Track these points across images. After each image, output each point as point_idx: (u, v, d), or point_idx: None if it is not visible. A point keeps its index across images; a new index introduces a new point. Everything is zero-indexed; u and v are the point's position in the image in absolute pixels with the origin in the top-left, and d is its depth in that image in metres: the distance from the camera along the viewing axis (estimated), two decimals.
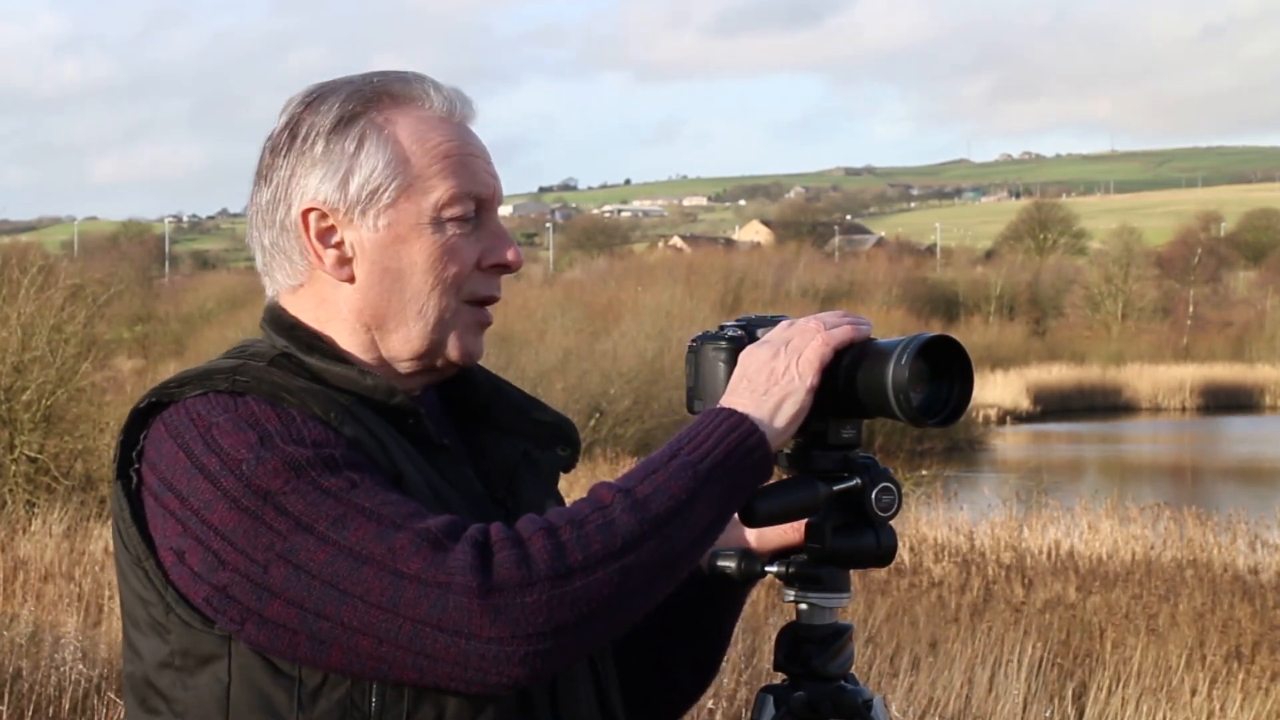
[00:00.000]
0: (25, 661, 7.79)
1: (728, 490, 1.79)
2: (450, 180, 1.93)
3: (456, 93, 1.99)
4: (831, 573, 1.96)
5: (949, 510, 15.38)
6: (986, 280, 64.33)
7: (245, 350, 1.94)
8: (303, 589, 1.70)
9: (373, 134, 1.94)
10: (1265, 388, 49.90)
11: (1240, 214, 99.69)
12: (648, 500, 1.74)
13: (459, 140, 1.95)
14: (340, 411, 1.84)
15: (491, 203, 1.97)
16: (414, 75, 1.99)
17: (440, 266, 1.92)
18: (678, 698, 2.16)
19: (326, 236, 1.94)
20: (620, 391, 25.32)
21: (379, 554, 1.69)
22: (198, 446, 1.78)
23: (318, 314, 1.95)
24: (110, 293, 20.94)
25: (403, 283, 1.93)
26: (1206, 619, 10.02)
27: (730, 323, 2.02)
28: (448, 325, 1.94)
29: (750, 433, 1.82)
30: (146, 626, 1.85)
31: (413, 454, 1.88)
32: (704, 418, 1.84)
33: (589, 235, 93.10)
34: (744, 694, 7.50)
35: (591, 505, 1.74)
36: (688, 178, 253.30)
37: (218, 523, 1.74)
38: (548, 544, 1.69)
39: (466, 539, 1.70)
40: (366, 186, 1.93)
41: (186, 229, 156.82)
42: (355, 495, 1.73)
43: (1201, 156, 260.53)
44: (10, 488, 14.67)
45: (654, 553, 1.73)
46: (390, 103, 1.95)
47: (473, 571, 1.67)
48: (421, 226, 1.92)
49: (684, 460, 1.78)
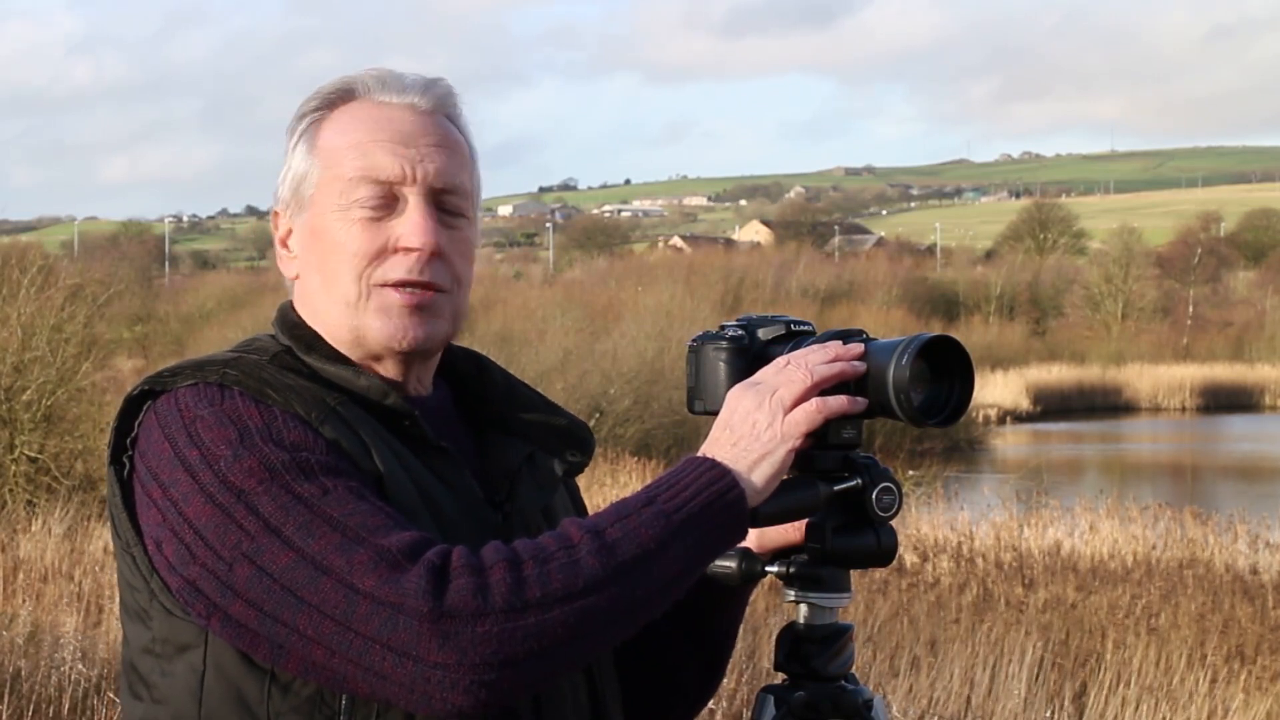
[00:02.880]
0: (25, 661, 7.79)
1: (699, 543, 1.76)
2: (354, 165, 1.93)
3: (410, 83, 1.98)
4: (832, 573, 1.96)
5: (949, 510, 15.38)
6: (986, 280, 64.30)
7: (250, 345, 1.96)
8: (263, 591, 1.71)
9: (309, 133, 1.98)
10: (1265, 387, 49.89)
11: (1240, 214, 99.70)
12: (616, 545, 1.72)
13: (376, 126, 1.94)
14: (324, 411, 1.84)
15: (406, 186, 1.93)
16: (375, 71, 2.00)
17: (345, 251, 1.92)
18: (682, 703, 2.15)
19: (285, 236, 2.00)
20: (620, 391, 25.30)
21: (338, 566, 1.69)
22: (181, 438, 1.79)
23: (304, 311, 1.98)
24: (110, 293, 20.95)
25: (323, 272, 1.95)
26: (1207, 619, 10.02)
27: (730, 323, 2.02)
28: (360, 310, 1.92)
29: (729, 488, 1.79)
30: (133, 612, 1.88)
31: (404, 455, 1.87)
32: (685, 465, 1.81)
33: (589, 235, 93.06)
34: (744, 694, 7.50)
35: (559, 542, 1.72)
36: (688, 178, 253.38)
37: (192, 516, 1.75)
38: (507, 576, 1.68)
39: (424, 562, 1.68)
40: (296, 184, 1.98)
41: (186, 229, 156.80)
42: (325, 503, 1.73)
43: (1201, 156, 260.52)
44: (10, 488, 14.66)
45: (615, 599, 1.71)
46: (340, 100, 1.98)
47: (425, 595, 1.66)
48: (332, 214, 1.94)
49: (659, 508, 1.75)
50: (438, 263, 1.93)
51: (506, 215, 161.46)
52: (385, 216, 1.92)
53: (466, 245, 1.98)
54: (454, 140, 1.98)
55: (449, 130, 1.99)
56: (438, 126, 1.97)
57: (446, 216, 1.95)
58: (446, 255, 1.94)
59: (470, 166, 2.01)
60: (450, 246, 1.95)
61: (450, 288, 1.95)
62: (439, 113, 1.98)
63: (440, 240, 1.93)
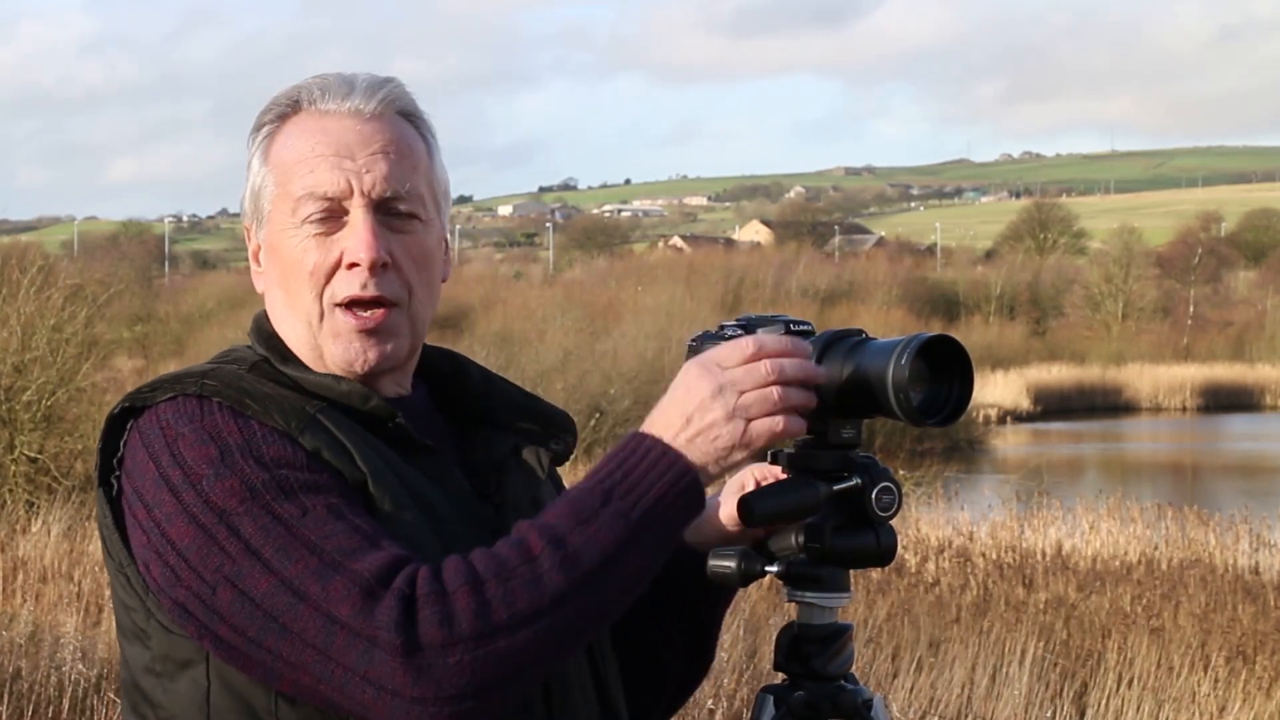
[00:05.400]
0: (25, 661, 7.79)
1: (658, 538, 1.75)
2: (300, 182, 1.91)
3: (356, 86, 1.95)
4: (831, 573, 1.96)
5: (949, 510, 15.37)
6: (986, 280, 64.27)
7: (228, 355, 1.96)
8: (246, 617, 1.72)
9: (262, 146, 1.97)
10: (1265, 387, 49.86)
11: (1240, 214, 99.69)
12: (578, 554, 1.70)
13: (318, 140, 1.92)
14: (303, 420, 1.84)
15: (350, 200, 1.91)
16: (321, 78, 1.97)
17: (298, 269, 1.92)
18: (670, 684, 2.15)
19: (256, 252, 2.00)
20: (620, 391, 25.30)
21: (315, 593, 1.70)
22: (164, 458, 1.79)
23: (275, 325, 1.98)
24: (110, 293, 20.94)
25: (285, 289, 1.94)
26: (1208, 619, 10.01)
27: (730, 323, 2.01)
28: (316, 329, 1.92)
29: (683, 473, 1.75)
30: (130, 633, 1.88)
31: (390, 456, 1.87)
32: (635, 447, 1.76)
33: (589, 235, 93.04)
34: (744, 694, 7.50)
35: (520, 555, 1.70)
36: (688, 178, 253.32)
37: (176, 537, 1.76)
38: (472, 601, 1.68)
39: (394, 591, 1.68)
40: (254, 197, 1.97)
41: (186, 229, 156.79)
42: (303, 525, 1.73)
43: (1201, 156, 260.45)
44: (10, 488, 14.65)
45: (580, 611, 1.71)
46: (290, 111, 1.96)
47: (397, 629, 1.66)
48: (286, 231, 1.93)
49: (616, 507, 1.72)
50: (386, 274, 1.91)
51: (506, 215, 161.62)
52: (334, 231, 1.91)
53: (422, 249, 1.95)
54: (403, 143, 1.95)
55: (398, 133, 1.95)
56: (383, 131, 1.93)
57: (396, 222, 1.93)
58: (397, 264, 1.92)
59: (425, 166, 1.97)
60: (402, 254, 1.93)
61: (401, 299, 1.93)
62: (388, 114, 1.95)
63: (383, 252, 1.90)
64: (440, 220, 2.00)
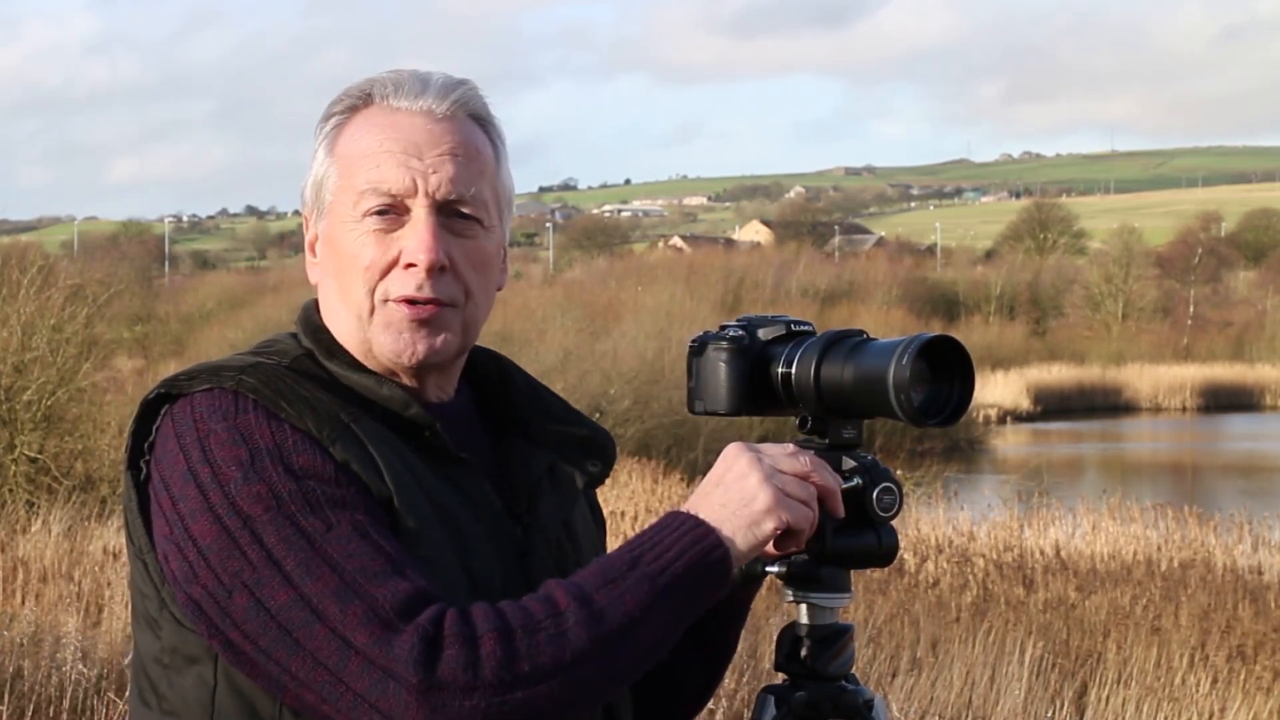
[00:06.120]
0: (26, 662, 7.78)
1: (682, 605, 1.76)
2: (365, 176, 1.90)
3: (430, 86, 1.94)
4: (832, 573, 1.95)
5: (949, 510, 15.37)
6: (986, 280, 64.28)
7: (270, 346, 1.94)
8: (259, 626, 1.71)
9: (330, 136, 1.96)
10: (1265, 387, 49.88)
11: (1240, 214, 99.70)
12: (603, 614, 1.71)
13: (387, 136, 1.91)
14: (337, 429, 1.82)
15: (413, 199, 1.89)
16: (396, 73, 1.96)
17: (355, 262, 1.90)
18: (682, 704, 2.14)
19: (314, 242, 1.98)
20: (620, 392, 25.30)
21: (332, 614, 1.69)
22: (195, 453, 1.78)
23: (325, 317, 1.96)
24: (110, 293, 20.93)
25: (339, 281, 1.93)
26: (1208, 619, 10.01)
27: (731, 322, 2.01)
28: (366, 323, 1.91)
29: (713, 547, 1.77)
30: (144, 620, 1.87)
31: (419, 469, 1.85)
32: (670, 521, 1.79)
33: (589, 235, 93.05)
34: (744, 694, 7.49)
35: (546, 609, 1.71)
36: (688, 178, 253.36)
37: (198, 534, 1.75)
38: (498, 649, 1.67)
39: (417, 627, 1.68)
40: (317, 187, 1.96)
41: (186, 229, 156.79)
42: (327, 541, 1.72)
43: (1201, 156, 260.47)
44: (10, 488, 14.64)
45: (600, 669, 1.71)
46: (361, 104, 1.95)
47: (416, 666, 1.66)
48: (346, 224, 1.92)
49: (644, 571, 1.73)
50: (444, 277, 1.89)
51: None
52: (394, 229, 1.90)
53: (481, 254, 1.93)
54: (471, 147, 1.93)
55: (467, 136, 1.93)
56: (453, 133, 1.92)
57: (459, 225, 1.91)
58: (456, 268, 1.90)
59: (492, 171, 1.95)
60: (461, 258, 1.91)
61: (458, 301, 1.91)
62: (459, 116, 1.93)
63: (443, 255, 1.89)
64: (502, 228, 1.98)
